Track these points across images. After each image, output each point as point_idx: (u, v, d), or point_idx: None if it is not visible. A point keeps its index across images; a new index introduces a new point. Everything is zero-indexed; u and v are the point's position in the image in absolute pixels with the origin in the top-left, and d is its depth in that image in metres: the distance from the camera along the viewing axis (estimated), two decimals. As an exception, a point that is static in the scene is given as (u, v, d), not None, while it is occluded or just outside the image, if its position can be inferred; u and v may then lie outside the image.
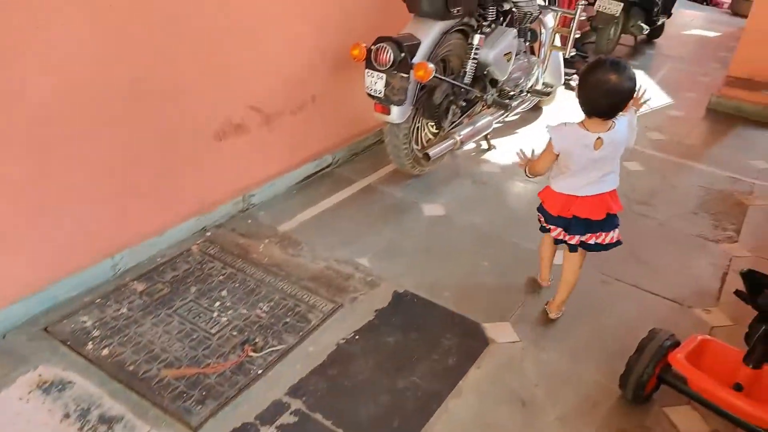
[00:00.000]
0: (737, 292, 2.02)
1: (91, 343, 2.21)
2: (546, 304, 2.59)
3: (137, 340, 2.24)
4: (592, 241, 2.34)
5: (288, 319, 2.39)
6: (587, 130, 2.15)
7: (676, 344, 2.05)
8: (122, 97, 2.31)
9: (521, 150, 2.45)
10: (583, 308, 2.61)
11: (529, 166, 2.38)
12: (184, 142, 2.63)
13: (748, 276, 1.88)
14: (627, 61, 2.21)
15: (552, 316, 2.55)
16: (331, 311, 2.45)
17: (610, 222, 2.31)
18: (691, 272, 2.92)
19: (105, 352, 2.18)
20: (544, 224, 2.46)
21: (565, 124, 2.21)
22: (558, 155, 2.25)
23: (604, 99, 2.06)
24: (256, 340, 2.29)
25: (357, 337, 2.34)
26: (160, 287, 2.51)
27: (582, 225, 2.30)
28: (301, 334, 2.33)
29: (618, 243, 2.36)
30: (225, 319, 2.38)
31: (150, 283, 2.53)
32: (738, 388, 1.92)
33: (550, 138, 2.23)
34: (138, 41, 2.29)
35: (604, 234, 2.32)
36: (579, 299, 2.66)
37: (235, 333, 2.31)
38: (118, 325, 2.30)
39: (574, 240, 2.35)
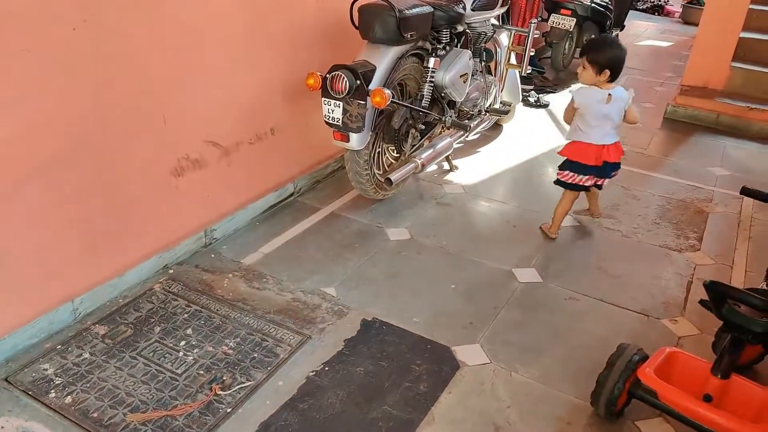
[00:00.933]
0: (702, 302, 2.04)
1: (53, 391, 2.13)
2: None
3: (101, 386, 2.17)
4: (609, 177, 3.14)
5: (256, 355, 2.35)
6: (601, 89, 2.95)
7: (645, 358, 2.06)
8: (74, 138, 2.25)
9: None
10: (552, 326, 2.62)
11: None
12: (140, 181, 2.57)
13: (711, 287, 1.89)
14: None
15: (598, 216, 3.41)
16: (300, 344, 2.41)
17: (619, 163, 3.13)
18: (656, 283, 2.95)
19: (68, 399, 2.10)
20: (575, 180, 3.10)
21: (583, 87, 3.01)
22: (577, 109, 3.01)
23: (622, 66, 2.94)
24: (224, 377, 2.24)
25: (327, 368, 2.31)
26: (123, 329, 2.44)
27: (610, 167, 3.08)
28: (269, 368, 2.28)
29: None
30: (191, 358, 2.32)
31: (112, 325, 2.46)
32: (708, 399, 1.92)
33: (572, 97, 3.02)
34: (89, 82, 2.25)
35: (616, 171, 3.14)
36: (548, 317, 2.67)
37: (202, 372, 2.26)
38: (81, 371, 2.22)
39: (605, 182, 3.15)
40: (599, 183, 3.14)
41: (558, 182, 3.18)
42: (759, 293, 1.96)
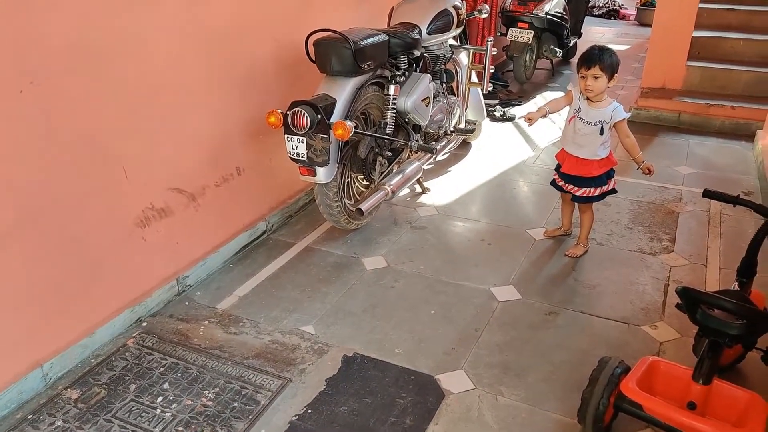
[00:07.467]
0: (678, 306, 2.04)
1: (27, 463, 2.08)
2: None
3: (77, 453, 2.11)
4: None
5: (236, 404, 2.30)
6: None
7: (627, 370, 2.04)
8: (25, 204, 2.20)
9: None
10: (534, 343, 2.60)
11: None
12: (103, 236, 2.52)
13: (683, 293, 1.89)
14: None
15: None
16: (280, 388, 2.36)
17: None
18: (634, 289, 2.95)
19: (43, 471, 2.04)
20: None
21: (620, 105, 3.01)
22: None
23: None
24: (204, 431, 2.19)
25: (309, 411, 2.26)
26: (96, 391, 2.37)
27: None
28: (250, 417, 2.23)
29: None
30: (169, 414, 2.26)
31: (85, 387, 2.39)
32: (692, 406, 1.91)
33: (625, 118, 3.00)
34: (38, 144, 2.21)
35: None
36: (529, 334, 2.65)
37: (181, 428, 2.20)
38: (54, 440, 2.16)
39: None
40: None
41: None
42: (731, 295, 1.97)
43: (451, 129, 4.16)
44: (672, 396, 1.96)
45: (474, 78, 4.40)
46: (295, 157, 2.94)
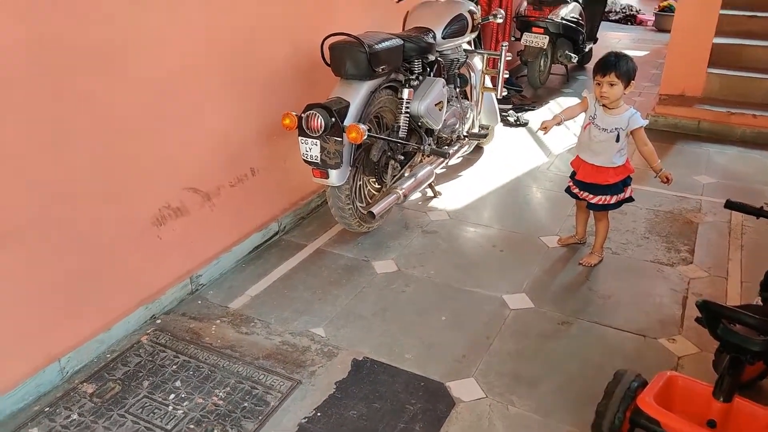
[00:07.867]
0: (698, 320, 1.99)
1: (41, 457, 2.08)
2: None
3: (89, 449, 2.11)
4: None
5: (246, 404, 2.29)
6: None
7: (644, 384, 2.00)
8: (45, 200, 2.21)
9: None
10: (546, 353, 2.57)
11: None
12: (120, 234, 2.53)
13: (704, 307, 1.85)
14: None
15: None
16: (290, 389, 2.35)
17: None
18: (651, 300, 2.91)
19: (56, 465, 2.05)
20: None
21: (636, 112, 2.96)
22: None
23: None
24: (215, 430, 2.18)
25: (319, 414, 2.25)
26: (111, 386, 2.38)
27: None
28: (260, 418, 2.23)
29: None
30: (181, 411, 2.26)
31: (100, 382, 2.39)
32: (712, 424, 1.87)
33: (642, 125, 2.95)
34: (57, 145, 2.22)
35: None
36: (542, 343, 2.62)
37: (192, 426, 2.20)
38: (69, 434, 2.16)
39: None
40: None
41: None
42: (754, 310, 1.93)
43: (464, 133, 4.14)
44: (691, 413, 1.92)
45: (488, 82, 4.37)
46: (309, 159, 2.94)
